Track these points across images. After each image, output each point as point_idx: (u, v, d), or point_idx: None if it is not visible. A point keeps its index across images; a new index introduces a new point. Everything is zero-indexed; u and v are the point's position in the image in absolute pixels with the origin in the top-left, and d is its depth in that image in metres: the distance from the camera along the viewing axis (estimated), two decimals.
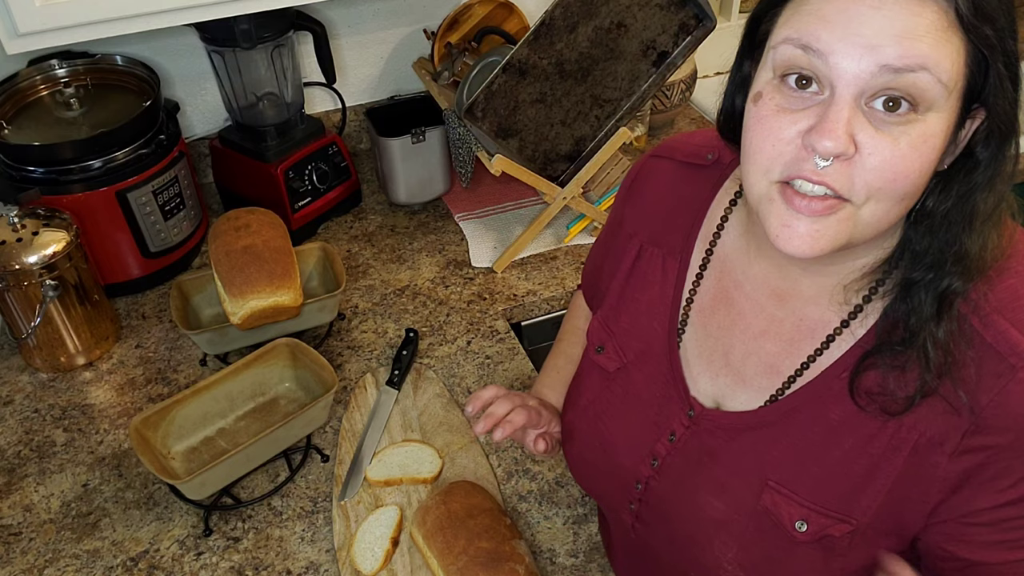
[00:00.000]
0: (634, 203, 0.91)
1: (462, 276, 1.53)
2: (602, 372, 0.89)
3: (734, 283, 0.80)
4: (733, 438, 0.78)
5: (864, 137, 0.59)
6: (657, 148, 0.91)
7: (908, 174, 0.60)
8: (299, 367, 1.24)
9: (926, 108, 0.59)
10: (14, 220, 1.26)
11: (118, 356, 1.38)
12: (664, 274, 0.85)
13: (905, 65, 0.57)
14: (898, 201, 0.62)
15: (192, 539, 1.11)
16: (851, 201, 0.62)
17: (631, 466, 0.85)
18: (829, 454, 0.73)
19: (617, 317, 0.89)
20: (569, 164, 1.47)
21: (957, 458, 0.68)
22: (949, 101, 0.59)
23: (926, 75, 0.57)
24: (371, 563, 1.05)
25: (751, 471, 0.77)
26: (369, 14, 1.70)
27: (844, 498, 0.72)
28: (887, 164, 0.59)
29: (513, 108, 1.35)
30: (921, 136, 0.59)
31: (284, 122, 1.55)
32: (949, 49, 0.58)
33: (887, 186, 0.60)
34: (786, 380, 0.76)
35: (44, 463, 1.21)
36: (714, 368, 0.81)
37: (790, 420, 0.75)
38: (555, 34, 1.31)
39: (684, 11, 1.35)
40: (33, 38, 1.18)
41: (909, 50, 0.57)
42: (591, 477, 0.93)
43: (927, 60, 0.57)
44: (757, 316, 0.78)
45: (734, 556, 0.78)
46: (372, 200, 1.71)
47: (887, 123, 0.59)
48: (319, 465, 1.20)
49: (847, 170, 0.60)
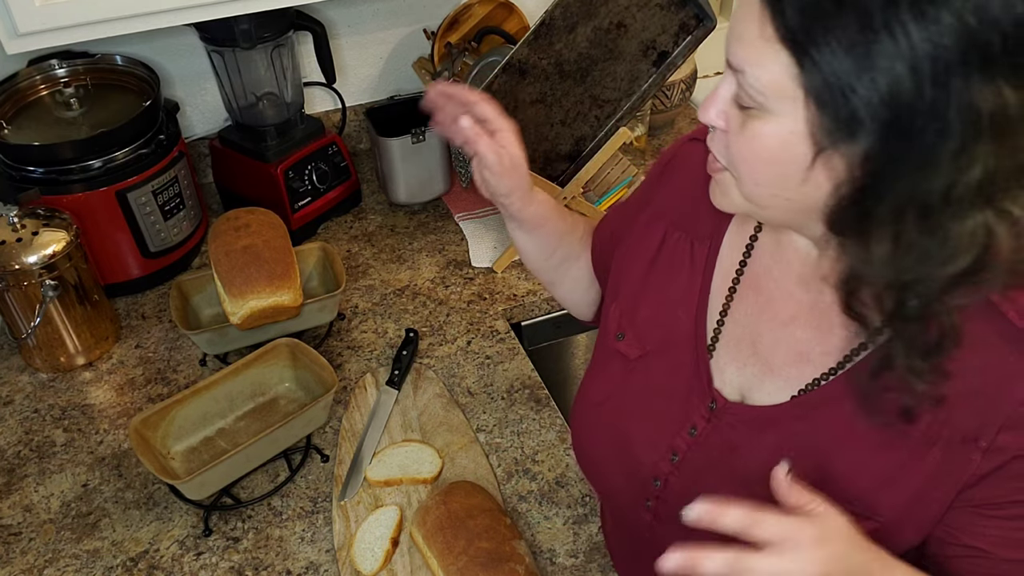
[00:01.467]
0: (666, 184, 0.91)
1: (462, 276, 1.52)
2: (623, 360, 0.88)
3: (764, 268, 0.80)
4: (756, 432, 0.78)
5: (729, 117, 0.66)
6: (695, 131, 0.91)
7: (746, 159, 0.65)
8: (299, 367, 1.24)
9: (761, 109, 0.62)
10: (14, 220, 1.26)
11: (118, 356, 1.38)
12: (692, 261, 0.85)
13: (734, 64, 0.63)
14: (755, 184, 0.66)
15: (192, 539, 1.11)
16: (728, 170, 0.69)
17: (650, 462, 0.84)
18: (857, 449, 0.72)
19: (639, 305, 0.88)
20: (569, 164, 1.47)
21: (991, 454, 0.67)
22: (785, 108, 0.60)
23: (742, 78, 0.62)
24: (371, 563, 1.05)
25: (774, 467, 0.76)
26: (369, 14, 1.70)
27: (871, 494, 0.72)
28: (733, 143, 0.66)
29: (513, 108, 1.35)
30: (752, 131, 0.63)
31: (284, 122, 1.55)
32: (765, 59, 0.60)
33: (733, 165, 0.67)
34: (819, 376, 0.75)
35: (44, 463, 1.21)
36: (742, 357, 0.80)
37: (818, 414, 0.74)
38: (555, 34, 1.31)
39: (684, 11, 1.35)
40: (33, 38, 1.18)
41: (735, 51, 0.63)
42: (604, 474, 0.91)
43: (743, 63, 0.61)
44: (787, 302, 0.78)
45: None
46: (372, 200, 1.71)
47: (744, 112, 0.64)
48: (319, 465, 1.20)
49: (723, 141, 0.68)
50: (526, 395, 1.30)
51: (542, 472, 1.19)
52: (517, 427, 1.25)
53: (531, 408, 1.28)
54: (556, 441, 1.23)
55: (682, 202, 0.88)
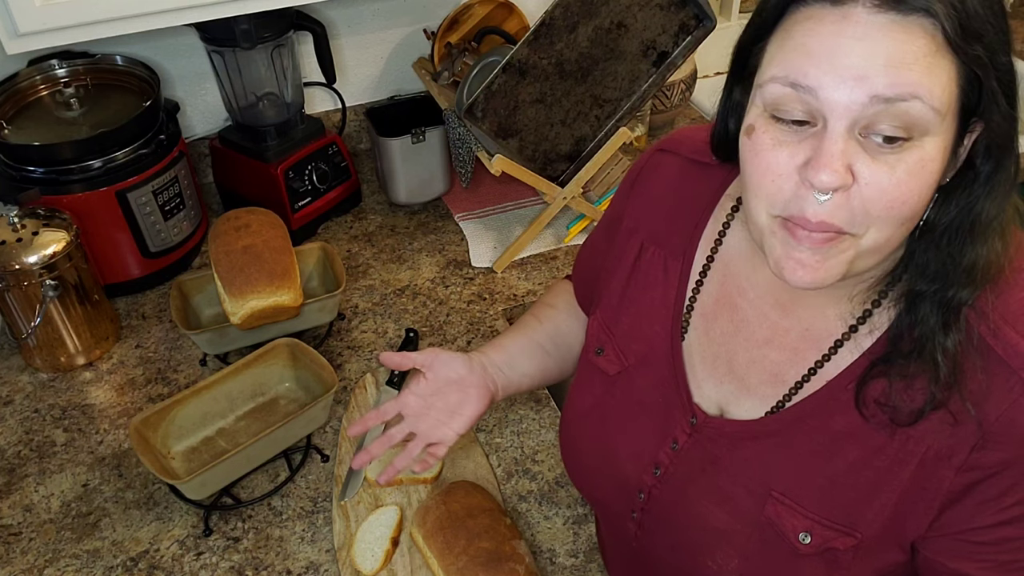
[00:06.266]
0: (637, 198, 0.89)
1: (462, 276, 1.53)
2: (603, 376, 0.88)
3: (737, 289, 0.79)
4: (736, 446, 0.77)
5: (861, 167, 0.59)
6: (663, 141, 0.89)
7: (906, 200, 0.60)
8: (299, 367, 1.24)
9: (921, 134, 0.58)
10: (14, 220, 1.26)
11: (118, 356, 1.38)
12: (666, 275, 0.84)
13: (896, 94, 0.57)
14: (899, 225, 0.62)
15: (192, 539, 1.11)
16: (852, 233, 0.61)
17: (634, 474, 0.84)
18: (834, 465, 0.72)
19: (617, 318, 0.88)
20: (569, 164, 1.47)
21: (964, 473, 0.67)
22: (945, 123, 0.59)
23: (918, 103, 0.57)
24: (371, 563, 1.05)
25: (755, 481, 0.76)
26: (369, 14, 1.70)
27: (849, 510, 0.72)
28: (885, 193, 0.59)
29: (513, 108, 1.35)
30: (919, 162, 0.59)
31: (284, 122, 1.55)
32: (939, 73, 0.57)
33: (886, 214, 0.60)
34: (790, 389, 0.75)
35: (44, 463, 1.21)
36: (718, 374, 0.80)
37: (795, 430, 0.74)
38: (555, 34, 1.31)
39: (684, 11, 1.35)
40: (33, 38, 1.18)
41: (898, 79, 0.56)
42: (593, 485, 0.92)
43: (918, 88, 0.56)
44: (761, 324, 0.77)
45: (736, 567, 0.77)
46: (372, 200, 1.71)
47: (883, 152, 0.59)
48: (319, 465, 1.20)
49: (845, 202, 0.60)
50: (526, 395, 1.30)
51: (542, 472, 1.19)
52: (517, 427, 1.25)
53: (531, 408, 1.28)
54: (556, 441, 1.23)
55: (654, 216, 0.87)
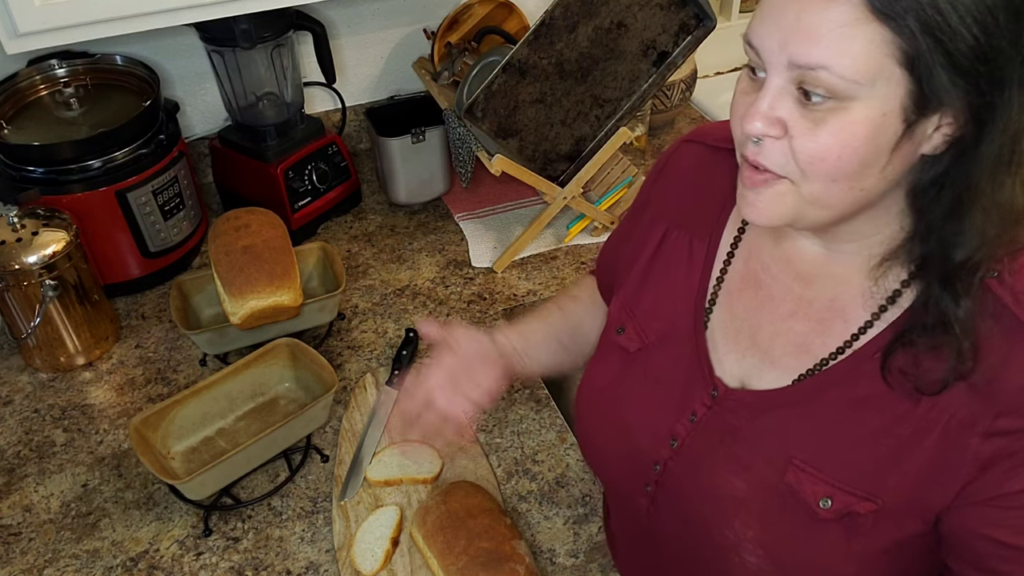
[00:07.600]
0: (663, 186, 0.93)
1: (462, 276, 1.52)
2: (622, 353, 0.90)
3: (762, 265, 0.82)
4: (757, 416, 0.79)
5: (789, 121, 0.64)
6: (689, 134, 0.93)
7: (826, 158, 0.63)
8: (299, 367, 1.24)
9: (846, 98, 0.60)
10: (14, 220, 1.26)
11: (118, 356, 1.38)
12: (691, 256, 0.87)
13: (805, 63, 0.60)
14: (831, 182, 0.64)
15: (192, 539, 1.11)
16: (787, 178, 0.66)
17: (649, 447, 0.85)
18: (857, 433, 0.73)
19: (639, 299, 0.90)
20: (569, 164, 1.47)
21: (988, 439, 0.67)
22: (875, 90, 0.60)
23: (824, 73, 0.60)
24: (371, 563, 1.05)
25: (775, 449, 0.77)
26: (369, 14, 1.70)
27: (871, 477, 0.72)
28: (806, 148, 0.63)
29: (513, 108, 1.35)
30: (842, 124, 0.62)
31: (284, 122, 1.55)
32: (856, 44, 0.59)
33: (810, 167, 0.64)
34: (819, 361, 0.76)
35: (44, 463, 1.21)
36: (741, 348, 0.82)
37: (818, 399, 0.75)
38: (555, 34, 1.31)
39: (684, 11, 1.35)
40: (33, 38, 1.18)
41: (809, 49, 0.60)
42: (605, 460, 0.93)
43: (824, 59, 0.60)
44: (785, 297, 0.79)
45: (754, 535, 0.78)
46: (372, 200, 1.71)
47: (811, 108, 0.62)
48: (319, 465, 1.20)
49: (778, 147, 0.65)
50: (526, 395, 1.30)
51: (542, 472, 1.19)
52: (517, 427, 1.25)
53: (531, 408, 1.28)
54: (556, 441, 1.23)
55: (681, 202, 0.90)
